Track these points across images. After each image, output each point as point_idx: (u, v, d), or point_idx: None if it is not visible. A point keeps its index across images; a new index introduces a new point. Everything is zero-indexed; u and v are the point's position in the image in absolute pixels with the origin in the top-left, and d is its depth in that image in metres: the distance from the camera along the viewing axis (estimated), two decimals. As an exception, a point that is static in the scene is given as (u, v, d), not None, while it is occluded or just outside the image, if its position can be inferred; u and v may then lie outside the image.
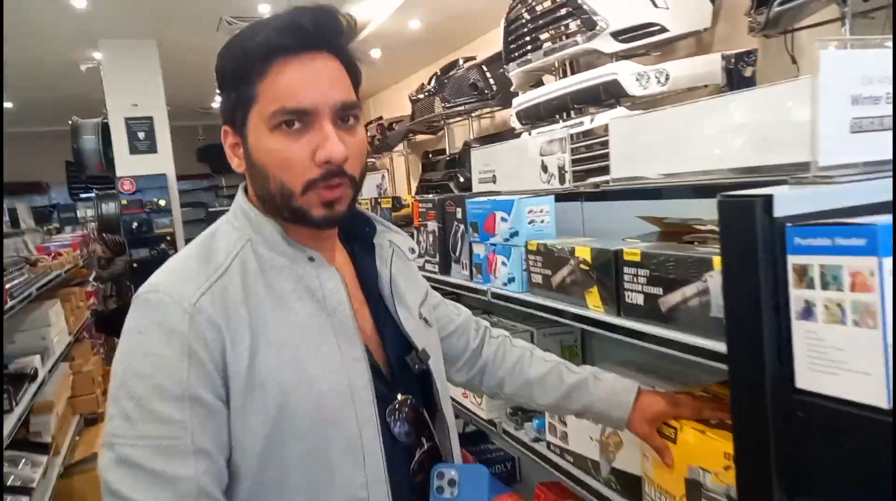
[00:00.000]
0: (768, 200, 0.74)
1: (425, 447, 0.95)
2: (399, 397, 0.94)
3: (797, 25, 2.72)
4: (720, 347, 0.96)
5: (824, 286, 0.70)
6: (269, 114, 0.85)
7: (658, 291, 1.10)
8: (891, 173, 0.81)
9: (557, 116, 3.78)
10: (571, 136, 1.98)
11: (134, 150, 5.89)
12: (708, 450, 0.99)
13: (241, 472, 0.83)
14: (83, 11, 4.97)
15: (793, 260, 0.74)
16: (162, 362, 0.79)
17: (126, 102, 5.86)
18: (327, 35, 0.86)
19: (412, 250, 1.07)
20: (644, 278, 1.13)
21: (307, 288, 0.89)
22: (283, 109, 0.84)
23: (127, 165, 5.88)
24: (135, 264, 5.90)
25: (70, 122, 6.18)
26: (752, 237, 0.75)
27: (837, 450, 0.72)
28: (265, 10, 5.23)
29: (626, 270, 1.18)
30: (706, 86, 3.31)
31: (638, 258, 1.14)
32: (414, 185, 6.46)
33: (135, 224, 5.88)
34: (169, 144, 6.06)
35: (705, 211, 1.36)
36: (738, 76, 2.83)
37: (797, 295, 0.74)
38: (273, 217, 0.91)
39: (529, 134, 3.77)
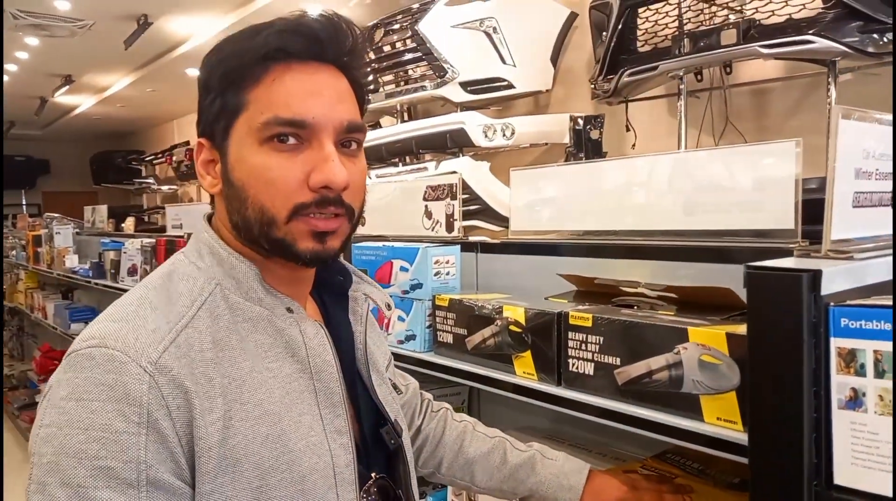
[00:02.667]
0: (816, 275, 0.67)
1: None
2: (373, 476, 0.81)
3: (635, 96, 2.95)
4: (696, 425, 0.88)
5: (879, 375, 0.64)
6: (259, 124, 0.71)
7: (614, 360, 1.01)
8: (889, 252, 0.80)
9: (397, 160, 3.72)
10: (457, 183, 1.87)
11: None
12: (683, 543, 0.89)
13: None
14: None
15: (837, 343, 0.67)
16: (111, 437, 0.62)
17: None
18: (338, 47, 0.74)
19: (388, 307, 0.91)
20: (595, 346, 1.03)
21: (287, 345, 0.75)
22: (276, 119, 0.70)
23: None
24: None
25: None
26: (795, 317, 0.67)
27: (887, 556, 0.65)
28: (64, 8, 4.52)
29: (570, 335, 1.07)
30: (546, 143, 3.47)
31: (588, 323, 1.04)
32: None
33: None
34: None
35: (617, 271, 1.33)
36: (585, 137, 2.98)
37: (841, 382, 0.67)
38: (247, 255, 0.76)
39: (369, 177, 3.64)
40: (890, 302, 0.65)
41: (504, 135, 3.37)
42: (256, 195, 0.72)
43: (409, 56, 3.59)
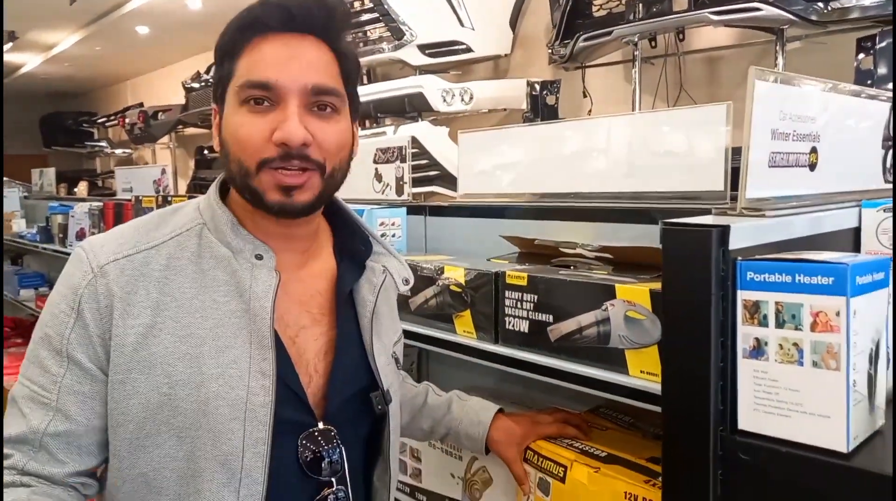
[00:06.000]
0: (724, 231, 0.70)
1: (334, 487, 0.86)
2: (320, 426, 0.85)
3: (591, 62, 2.95)
4: (621, 378, 0.92)
5: (780, 324, 0.68)
6: (236, 87, 0.81)
7: (546, 317, 1.03)
8: (806, 209, 0.83)
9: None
10: (407, 146, 1.87)
11: None
12: (605, 491, 0.94)
13: (114, 453, 0.81)
14: None
15: (743, 295, 0.70)
16: (55, 313, 0.81)
17: None
18: (314, 18, 0.81)
19: (406, 282, 0.98)
20: (530, 304, 1.06)
21: (237, 285, 0.83)
22: (247, 82, 0.79)
23: None
24: None
25: None
26: (705, 271, 0.70)
27: (782, 494, 0.69)
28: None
29: (507, 294, 1.09)
30: (505, 109, 3.47)
31: (523, 282, 1.07)
32: (182, 183, 5.84)
33: None
34: None
35: (561, 233, 1.35)
36: (542, 103, 2.99)
37: (746, 332, 0.70)
38: (236, 205, 0.86)
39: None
40: (794, 256, 0.68)
41: (463, 100, 3.36)
42: (234, 152, 0.81)
43: (366, 17, 3.52)
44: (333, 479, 0.85)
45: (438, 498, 1.29)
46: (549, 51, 2.95)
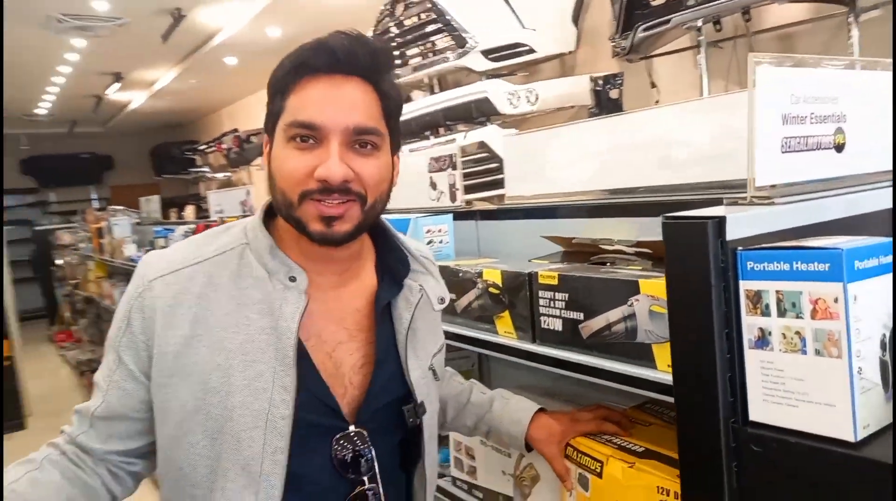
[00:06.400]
0: (720, 222, 0.70)
1: (366, 485, 0.92)
2: (350, 429, 0.92)
3: (656, 52, 2.89)
4: (649, 373, 0.92)
5: (782, 313, 0.67)
6: (285, 125, 0.87)
7: (578, 316, 1.05)
8: (821, 195, 0.81)
9: (429, 133, 3.75)
10: (457, 154, 1.91)
11: (-59, 160, 5.07)
12: (639, 485, 0.94)
13: (159, 446, 0.91)
14: None
15: (745, 286, 0.70)
16: (116, 318, 0.92)
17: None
18: (358, 60, 0.86)
19: (441, 301, 1.04)
20: (562, 303, 1.07)
21: (269, 305, 0.89)
22: (294, 121, 0.85)
23: (-69, 177, 5.06)
24: (-58, 292, 5.06)
25: None
26: (703, 262, 0.70)
27: (796, 486, 0.68)
28: (102, 9, 4.73)
29: (541, 293, 1.11)
30: (573, 106, 3.44)
31: (555, 281, 1.08)
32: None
33: (-58, 245, 5.06)
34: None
35: (608, 230, 1.35)
36: (605, 98, 2.95)
37: (750, 323, 0.70)
38: (282, 229, 0.93)
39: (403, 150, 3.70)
40: (793, 243, 0.68)
41: (528, 101, 3.36)
42: (279, 183, 0.88)
43: (430, 28, 3.60)
44: (365, 478, 0.91)
45: (493, 495, 1.32)
46: (613, 44, 2.92)
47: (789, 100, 0.80)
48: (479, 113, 3.44)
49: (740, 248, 0.70)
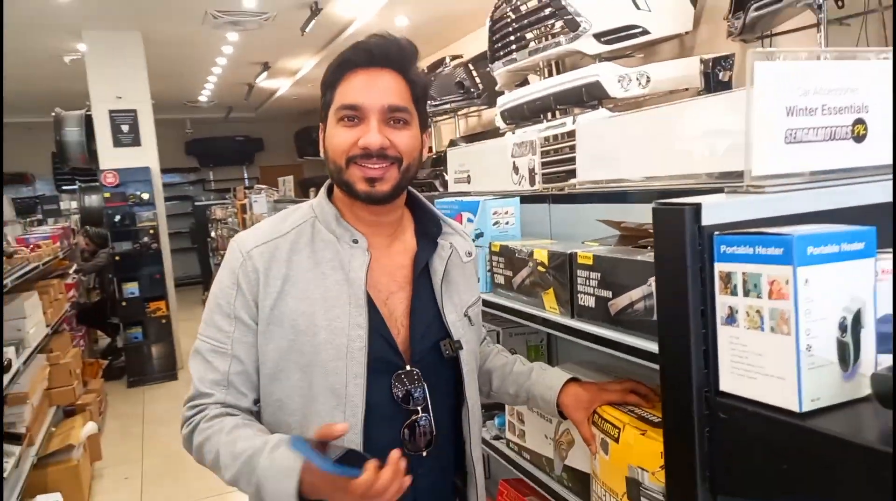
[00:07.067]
0: (697, 208, 0.76)
1: (419, 415, 1.10)
2: (407, 368, 1.11)
3: (774, 31, 2.75)
4: (661, 349, 0.99)
5: (746, 293, 0.73)
6: (335, 109, 1.08)
7: (608, 294, 1.13)
8: (828, 183, 0.84)
9: (542, 116, 3.80)
10: (547, 138, 1.99)
11: (118, 142, 5.86)
12: (646, 450, 1.01)
13: (260, 382, 1.10)
14: (67, 2, 4.95)
15: (719, 267, 0.76)
16: (223, 288, 1.10)
17: (110, 95, 5.83)
18: (390, 55, 1.07)
19: (468, 254, 1.23)
20: (595, 281, 1.16)
21: (340, 261, 1.10)
22: (342, 105, 1.07)
23: (110, 157, 5.86)
24: (117, 257, 5.88)
25: (53, 114, 6.14)
26: (681, 244, 0.77)
27: (755, 451, 0.74)
28: (251, 5, 5.21)
29: (579, 272, 1.20)
30: (686, 89, 3.35)
31: (590, 261, 1.17)
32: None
33: (118, 217, 5.86)
34: (153, 137, 6.03)
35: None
36: (714, 80, 2.86)
37: (722, 301, 0.76)
38: (340, 202, 1.14)
39: (513, 133, 3.78)
40: (758, 230, 0.73)
41: (640, 84, 3.32)
42: (331, 155, 1.09)
43: (545, 13, 3.63)
44: (419, 408, 1.10)
45: (537, 456, 1.43)
46: (728, 25, 2.82)
47: (797, 92, 0.83)
48: (591, 97, 3.43)
49: (717, 233, 0.76)
